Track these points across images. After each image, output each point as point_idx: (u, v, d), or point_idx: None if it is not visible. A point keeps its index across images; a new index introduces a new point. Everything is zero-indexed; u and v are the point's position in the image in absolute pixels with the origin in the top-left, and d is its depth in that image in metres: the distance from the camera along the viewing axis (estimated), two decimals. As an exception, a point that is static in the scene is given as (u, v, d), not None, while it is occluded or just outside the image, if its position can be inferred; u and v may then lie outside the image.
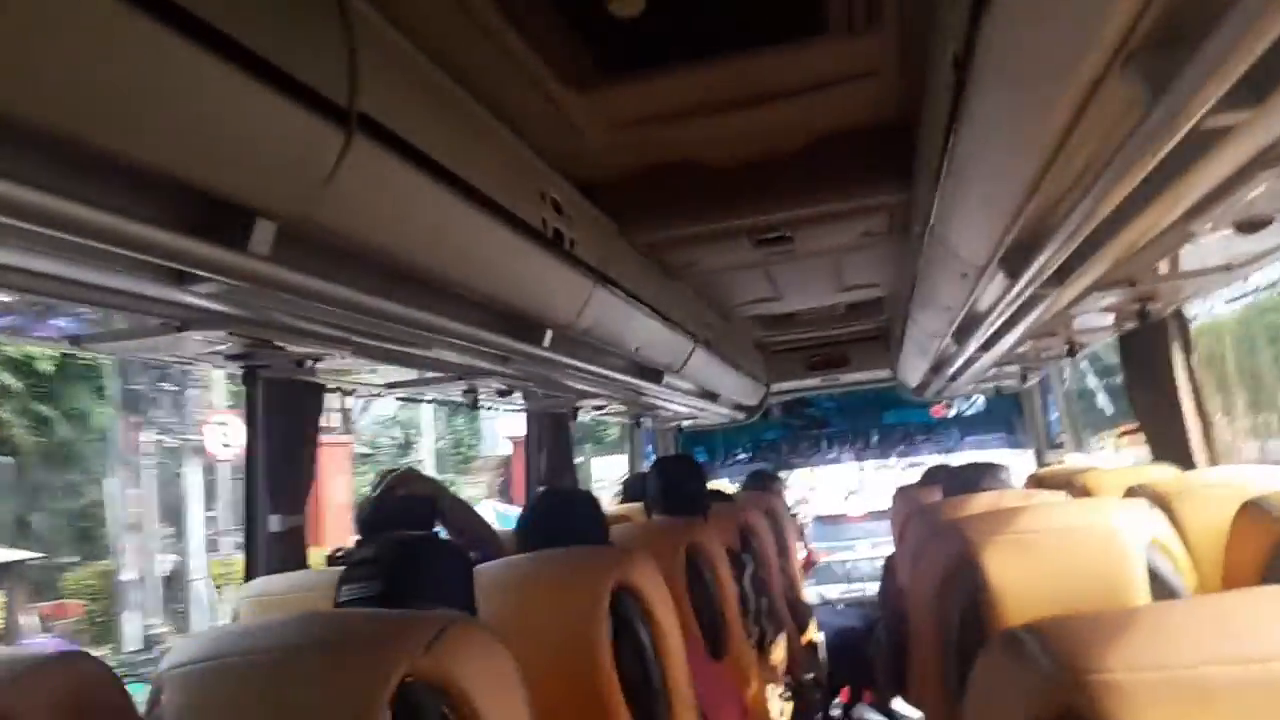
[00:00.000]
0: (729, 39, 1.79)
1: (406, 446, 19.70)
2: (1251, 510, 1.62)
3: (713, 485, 4.48)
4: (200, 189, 1.08)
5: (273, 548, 2.36)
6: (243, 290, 1.32)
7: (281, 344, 1.83)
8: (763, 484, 5.14)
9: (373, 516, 2.33)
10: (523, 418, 4.04)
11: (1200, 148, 1.17)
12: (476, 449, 21.14)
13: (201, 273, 1.17)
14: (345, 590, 1.35)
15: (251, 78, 0.99)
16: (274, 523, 2.37)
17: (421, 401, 3.43)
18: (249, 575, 2.29)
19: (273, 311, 1.51)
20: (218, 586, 13.31)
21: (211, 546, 14.02)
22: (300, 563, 2.36)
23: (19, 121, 0.84)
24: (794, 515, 5.13)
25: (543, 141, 1.92)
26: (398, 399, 3.00)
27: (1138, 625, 0.87)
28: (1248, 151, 1.18)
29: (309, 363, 2.06)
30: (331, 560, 2.44)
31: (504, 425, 17.49)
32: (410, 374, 2.52)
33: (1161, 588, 1.61)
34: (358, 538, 2.43)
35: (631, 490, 4.07)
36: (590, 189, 2.25)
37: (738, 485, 5.41)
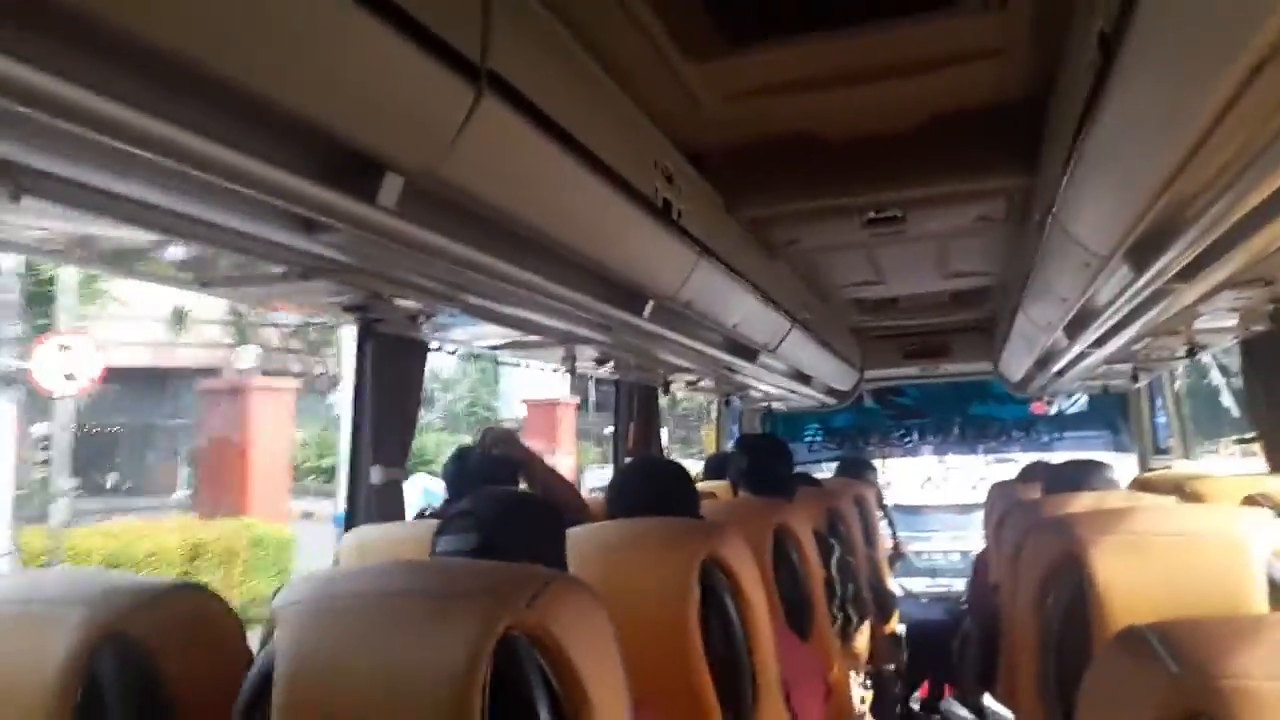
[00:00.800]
0: (853, 10, 1.75)
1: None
2: None
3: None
4: (333, 138, 1.11)
5: (373, 499, 2.43)
6: (366, 241, 1.35)
7: (397, 298, 1.88)
8: (855, 471, 5.06)
9: (461, 471, 2.38)
10: (540, 379, 4.07)
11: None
12: (495, 410, 20.65)
13: (329, 220, 1.21)
14: (443, 541, 1.38)
15: (389, 29, 1.01)
16: (375, 474, 2.44)
17: (518, 364, 3.48)
18: (349, 525, 2.37)
19: (392, 265, 1.55)
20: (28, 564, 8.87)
21: (37, 513, 9.97)
22: (399, 514, 2.43)
23: (164, 56, 0.86)
24: (885, 505, 5.05)
25: (659, 110, 1.92)
26: (498, 362, 3.05)
27: (1269, 631, 0.83)
28: None
29: (420, 318, 2.11)
30: (418, 516, 2.51)
31: (521, 388, 17.01)
32: (513, 335, 2.56)
33: (1281, 600, 1.54)
34: (444, 494, 2.50)
35: (713, 468, 4.06)
36: (699, 160, 2.24)
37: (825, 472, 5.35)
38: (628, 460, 3.91)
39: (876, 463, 5.60)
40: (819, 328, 3.88)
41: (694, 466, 3.16)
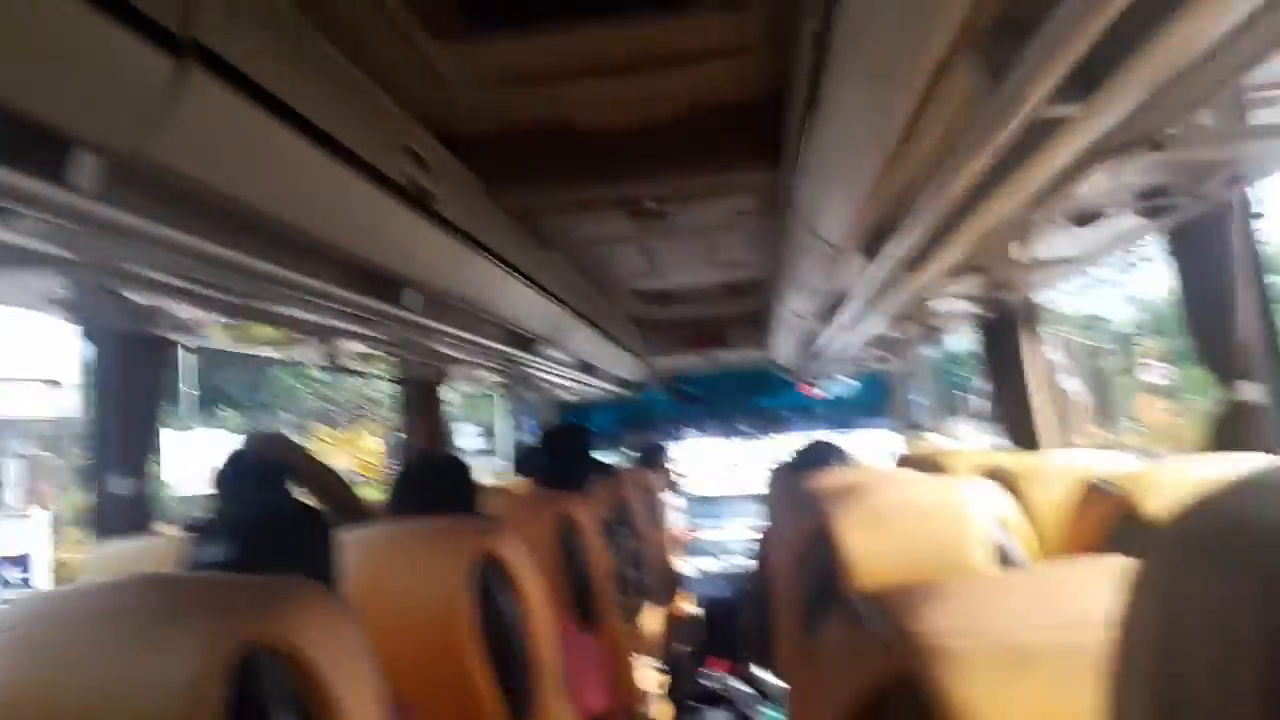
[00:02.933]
0: (594, 4, 1.77)
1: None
2: (1094, 490, 1.71)
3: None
4: (12, 112, 1.00)
5: (119, 512, 2.24)
6: (68, 230, 1.23)
7: (121, 293, 1.73)
8: (649, 458, 5.21)
9: (228, 480, 2.24)
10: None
11: (1036, 138, 1.23)
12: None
13: (12, 205, 1.09)
14: (198, 553, 1.29)
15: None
16: (118, 486, 2.25)
17: (281, 361, 3.30)
18: (99, 536, 2.18)
19: (110, 255, 1.42)
20: None
21: None
22: (145, 524, 2.25)
23: None
24: (677, 482, 5.22)
25: (405, 91, 1.85)
26: (258, 359, 2.88)
27: (969, 594, 0.90)
28: (1080, 144, 1.24)
29: (154, 313, 1.95)
30: (186, 529, 2.34)
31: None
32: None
33: (1008, 563, 1.69)
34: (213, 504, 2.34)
35: (521, 463, 4.05)
36: (456, 146, 2.19)
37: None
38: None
39: (676, 453, 5.80)
40: (601, 319, 3.92)
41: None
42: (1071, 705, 0.78)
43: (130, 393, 2.18)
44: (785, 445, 6.06)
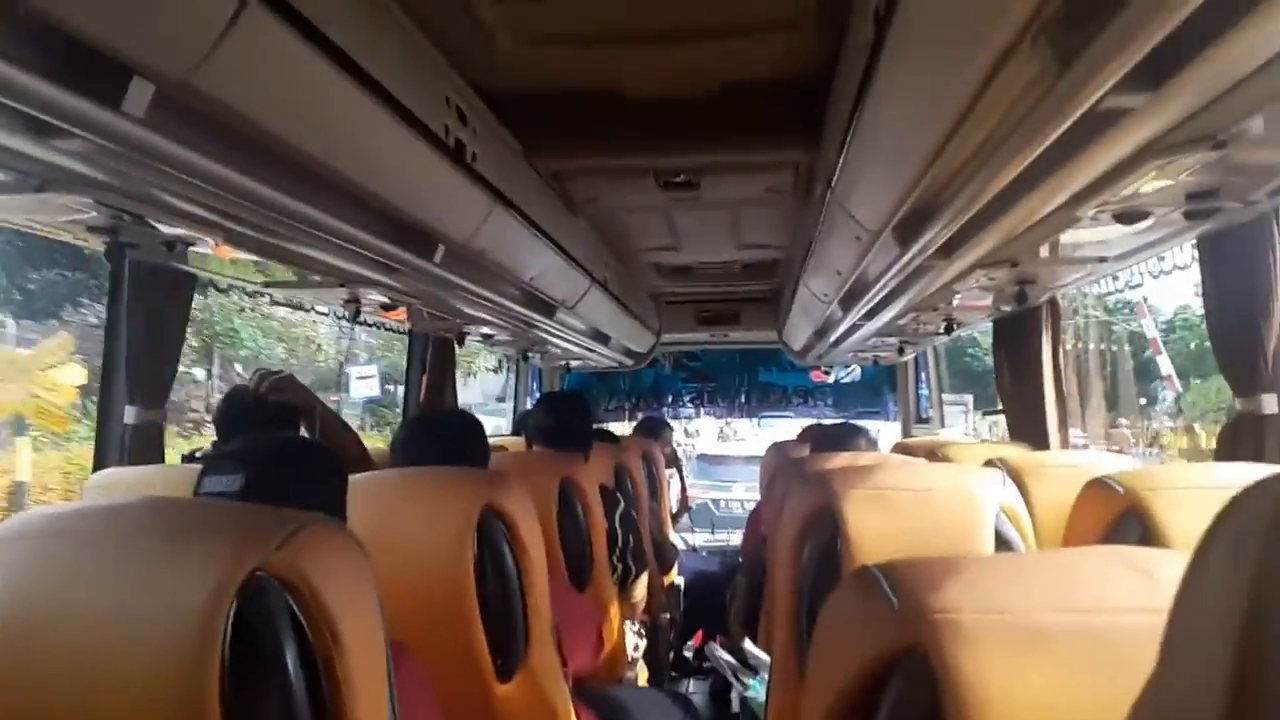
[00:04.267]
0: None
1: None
2: (1097, 486, 1.72)
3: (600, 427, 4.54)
4: (74, 34, 0.99)
5: (127, 441, 2.25)
6: (111, 153, 1.23)
7: (151, 221, 1.72)
8: (651, 430, 5.22)
9: (233, 415, 2.24)
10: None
11: (1098, 128, 1.22)
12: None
13: (66, 126, 1.08)
14: (206, 483, 1.29)
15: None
16: (130, 414, 2.25)
17: (299, 307, 3.30)
18: (98, 467, 2.18)
19: (144, 183, 1.41)
20: None
21: None
22: (157, 458, 2.26)
23: None
24: (676, 450, 5.24)
25: (452, 46, 1.84)
26: (272, 301, 2.88)
27: (983, 571, 0.90)
28: (1140, 137, 1.22)
29: (180, 246, 1.94)
30: (186, 459, 2.35)
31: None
32: (288, 274, 2.42)
33: (1006, 551, 1.70)
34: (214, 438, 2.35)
35: (520, 425, 4.06)
36: (496, 104, 2.18)
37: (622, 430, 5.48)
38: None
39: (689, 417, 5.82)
40: (618, 288, 3.92)
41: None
42: (1083, 688, 0.79)
43: (153, 325, 2.18)
44: (791, 427, 6.14)
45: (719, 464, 6.08)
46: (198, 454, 2.37)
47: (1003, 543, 1.71)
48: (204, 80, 1.13)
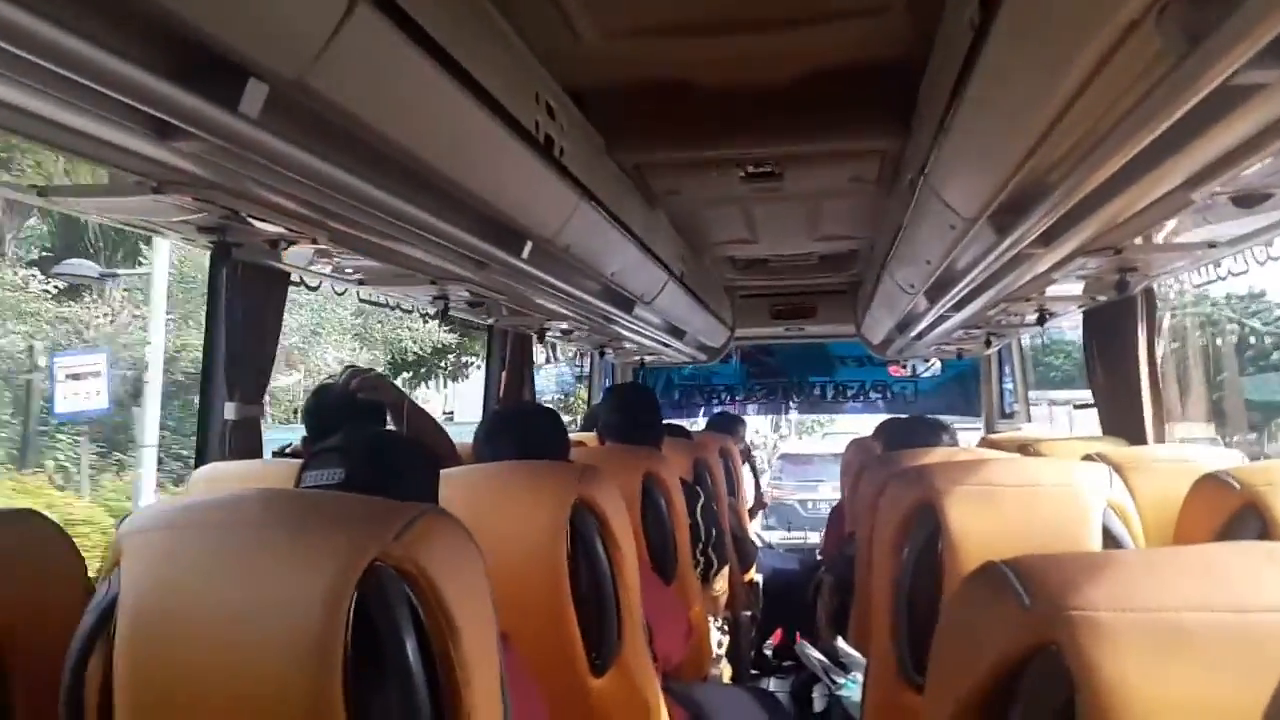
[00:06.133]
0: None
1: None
2: (1211, 481, 1.65)
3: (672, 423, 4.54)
4: (195, 37, 1.02)
5: (227, 436, 2.32)
6: (225, 153, 1.26)
7: (257, 219, 1.76)
8: (724, 426, 5.20)
9: (323, 411, 2.29)
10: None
11: (1221, 107, 1.16)
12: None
13: (186, 127, 1.11)
14: (308, 476, 1.32)
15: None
16: (230, 410, 2.32)
17: (387, 305, 3.36)
18: (200, 462, 2.25)
19: (253, 182, 1.45)
20: None
21: None
22: (255, 453, 2.32)
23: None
24: (751, 449, 5.20)
25: (539, 42, 1.85)
26: (361, 300, 2.94)
27: (1118, 567, 0.87)
28: (1269, 114, 1.17)
29: (281, 244, 1.99)
30: (277, 454, 2.41)
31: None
32: (381, 270, 2.46)
33: (1114, 547, 1.65)
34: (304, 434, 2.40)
35: (591, 421, 4.08)
36: (581, 98, 2.18)
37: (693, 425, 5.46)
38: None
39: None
40: (694, 282, 3.91)
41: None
42: (1228, 689, 0.75)
43: (251, 322, 2.24)
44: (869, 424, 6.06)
45: (804, 464, 6.00)
46: (288, 449, 2.44)
47: (1111, 540, 1.65)
48: (315, 79, 1.15)
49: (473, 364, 15.40)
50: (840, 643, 2.73)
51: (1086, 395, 3.56)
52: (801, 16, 1.95)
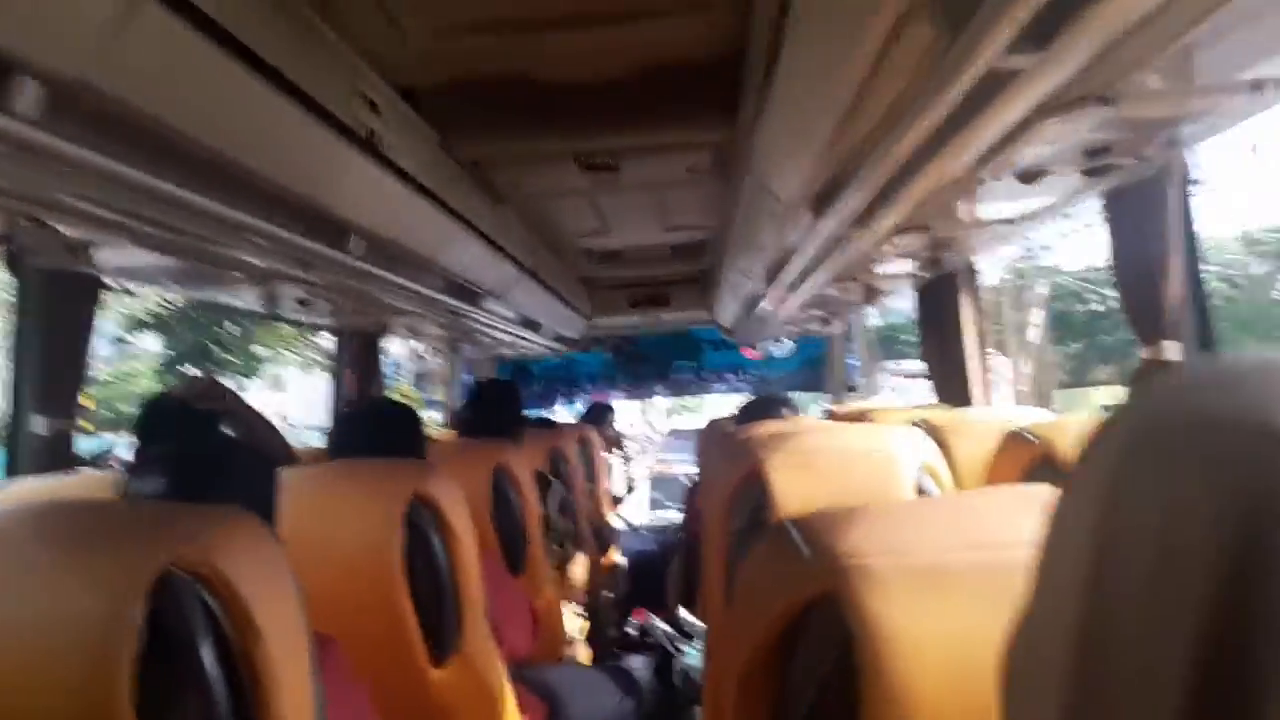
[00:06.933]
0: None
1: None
2: (1014, 437, 1.78)
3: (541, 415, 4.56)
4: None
5: (38, 451, 2.18)
6: (4, 156, 1.19)
7: (51, 224, 1.66)
8: (595, 416, 5.27)
9: (156, 421, 2.18)
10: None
11: (991, 91, 1.25)
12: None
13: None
14: (131, 488, 1.26)
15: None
16: (39, 424, 2.18)
17: (213, 307, 3.22)
18: (10, 476, 2.11)
19: (42, 185, 1.37)
20: None
21: None
22: (67, 466, 2.20)
23: None
24: (619, 434, 5.32)
25: (362, 37, 1.82)
26: (186, 301, 2.81)
27: (890, 516, 0.93)
28: (1033, 97, 1.26)
29: (83, 249, 1.89)
30: (90, 463, 2.29)
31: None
32: (202, 271, 2.35)
33: (927, 506, 1.76)
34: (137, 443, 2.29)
35: (457, 420, 4.05)
36: (411, 95, 2.15)
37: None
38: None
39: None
40: (548, 275, 3.91)
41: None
42: (990, 625, 0.82)
43: (56, 331, 2.11)
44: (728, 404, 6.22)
45: (688, 439, 6.26)
46: (107, 458, 2.32)
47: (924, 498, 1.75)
48: (98, 78, 1.10)
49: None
50: (683, 612, 2.81)
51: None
52: (631, 11, 1.99)
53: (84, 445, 2.43)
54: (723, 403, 6.59)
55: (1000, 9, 1.04)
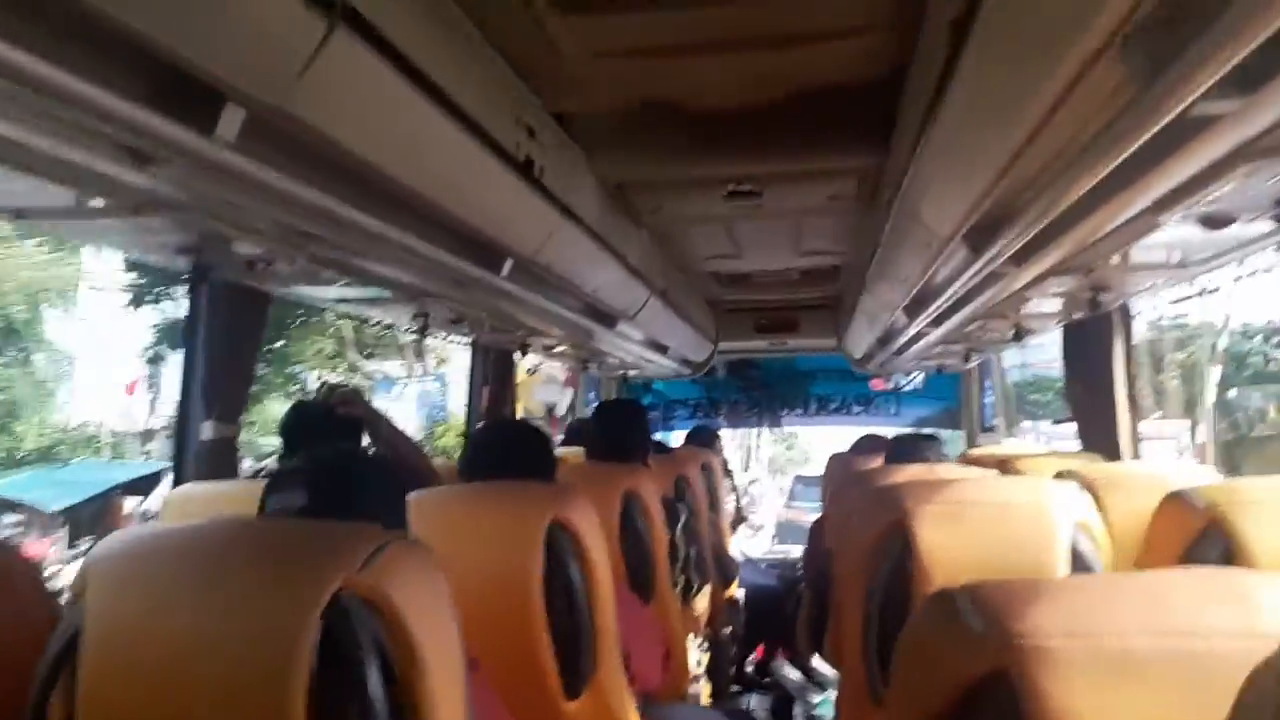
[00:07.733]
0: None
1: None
2: (1175, 500, 1.66)
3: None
4: (170, 63, 1.02)
5: (203, 455, 2.31)
6: (202, 177, 1.26)
7: (235, 241, 1.76)
8: (702, 440, 5.19)
9: (298, 428, 2.28)
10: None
11: (1184, 135, 1.19)
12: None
13: (162, 153, 1.12)
14: (272, 500, 1.30)
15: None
16: (206, 430, 2.31)
17: (368, 321, 3.35)
18: (178, 481, 2.24)
19: (230, 205, 1.45)
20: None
21: None
22: (231, 473, 2.31)
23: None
24: (730, 472, 5.22)
25: (523, 63, 1.86)
26: (339, 316, 2.93)
27: (1070, 593, 0.89)
28: (1230, 143, 1.19)
29: (260, 265, 1.99)
30: (251, 477, 2.40)
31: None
32: (362, 290, 2.46)
33: (1082, 567, 1.66)
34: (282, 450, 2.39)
35: (573, 434, 4.07)
36: (563, 118, 2.20)
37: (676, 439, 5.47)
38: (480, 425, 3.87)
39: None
40: (677, 298, 3.92)
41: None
42: (1176, 715, 0.76)
43: (229, 342, 2.23)
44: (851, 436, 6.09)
45: (815, 484, 6.06)
46: (263, 470, 2.43)
47: (1080, 560, 1.66)
48: (293, 104, 1.16)
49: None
50: (816, 660, 2.73)
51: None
52: (783, 37, 1.97)
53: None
54: (825, 435, 6.39)
55: (1209, 53, 0.98)
